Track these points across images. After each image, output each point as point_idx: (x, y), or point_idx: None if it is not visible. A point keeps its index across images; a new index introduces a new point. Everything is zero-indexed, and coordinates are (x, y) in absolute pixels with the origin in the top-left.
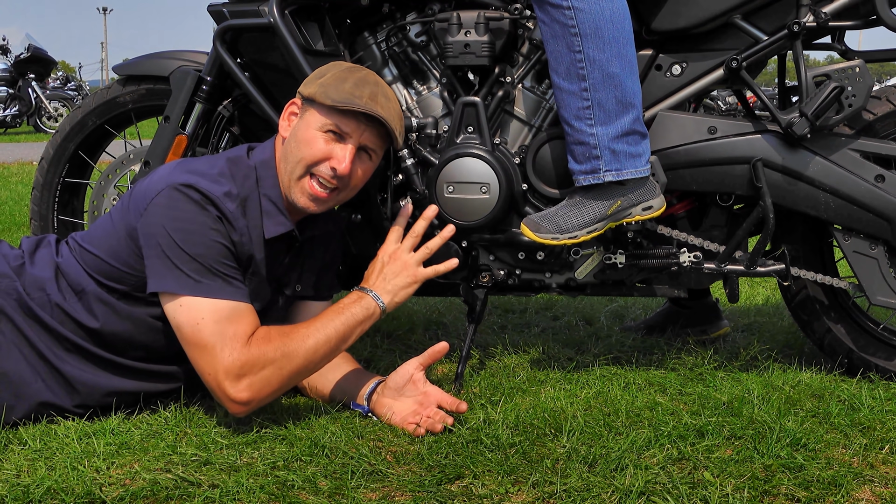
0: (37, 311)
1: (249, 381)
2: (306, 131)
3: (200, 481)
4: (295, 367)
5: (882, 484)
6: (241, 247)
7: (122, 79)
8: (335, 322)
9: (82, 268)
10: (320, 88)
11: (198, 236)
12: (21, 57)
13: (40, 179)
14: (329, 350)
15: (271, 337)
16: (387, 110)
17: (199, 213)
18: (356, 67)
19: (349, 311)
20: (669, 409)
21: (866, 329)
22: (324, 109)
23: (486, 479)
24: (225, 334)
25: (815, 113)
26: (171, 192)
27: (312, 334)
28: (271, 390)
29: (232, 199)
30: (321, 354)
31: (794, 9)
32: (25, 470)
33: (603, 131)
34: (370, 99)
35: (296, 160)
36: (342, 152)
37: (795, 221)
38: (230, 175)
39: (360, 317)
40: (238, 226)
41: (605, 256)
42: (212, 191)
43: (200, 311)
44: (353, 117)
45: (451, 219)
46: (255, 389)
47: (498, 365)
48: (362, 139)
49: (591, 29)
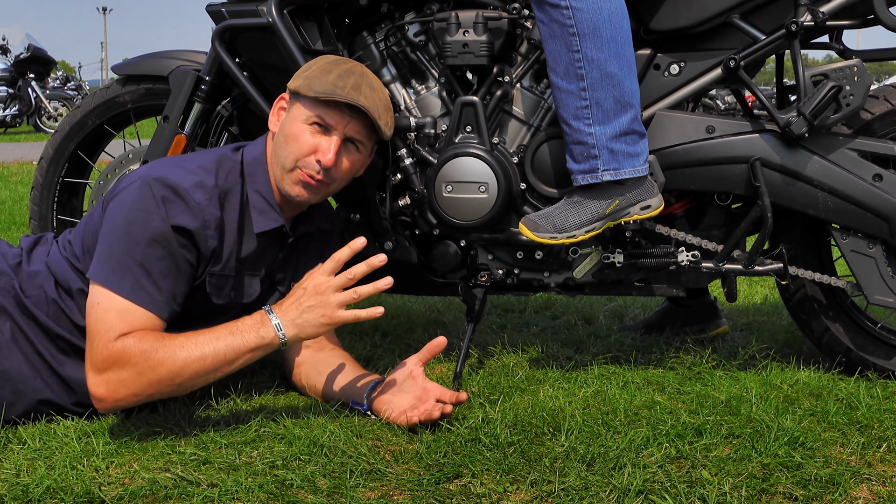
0: (33, 310)
1: (106, 378)
2: (292, 125)
3: (199, 480)
4: (157, 377)
5: (880, 482)
6: (205, 239)
7: (122, 78)
8: (221, 342)
9: (69, 264)
10: (304, 81)
11: (139, 233)
12: (21, 57)
13: (40, 179)
14: (204, 369)
15: (143, 339)
16: (370, 100)
17: (153, 213)
18: (343, 59)
19: (242, 335)
20: (668, 408)
21: (864, 328)
22: (308, 102)
23: (485, 477)
24: (104, 324)
25: (813, 112)
26: (142, 184)
27: (189, 347)
28: (128, 393)
29: (205, 191)
30: (193, 371)
31: (792, 8)
32: (25, 469)
33: (601, 131)
34: (353, 89)
35: (284, 155)
36: (327, 144)
37: (794, 221)
38: (214, 169)
39: (251, 344)
40: (206, 217)
41: (603, 256)
42: (181, 182)
43: (98, 296)
44: (337, 108)
45: (450, 218)
46: (110, 388)
47: (497, 364)
48: (347, 130)
49: (589, 28)
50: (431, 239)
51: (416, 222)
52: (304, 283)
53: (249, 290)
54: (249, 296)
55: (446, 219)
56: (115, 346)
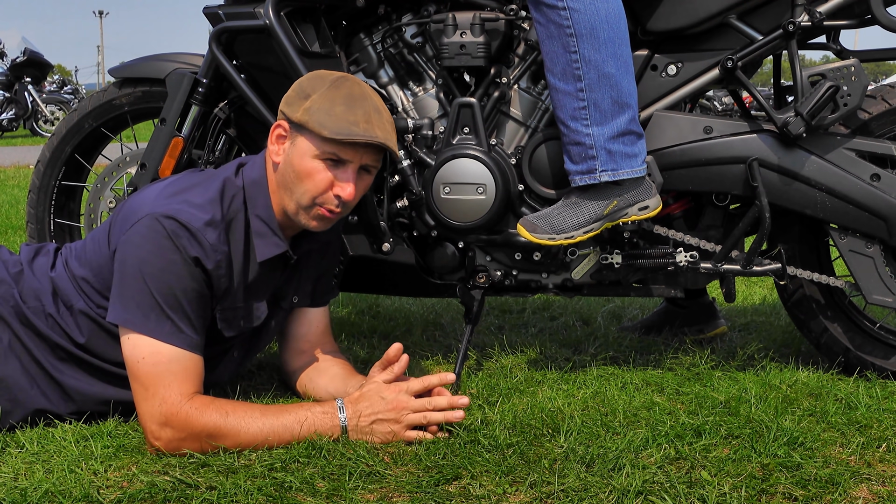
0: (32, 319)
1: (168, 435)
2: (303, 161)
3: (198, 483)
4: (217, 444)
5: (879, 482)
6: (218, 279)
7: (119, 81)
8: (287, 431)
9: (73, 284)
10: (310, 116)
11: (162, 273)
12: (17, 60)
13: (36, 182)
14: (263, 445)
15: (209, 409)
16: (384, 130)
17: (170, 251)
18: (338, 80)
19: (310, 422)
20: (667, 409)
21: (863, 328)
22: (318, 139)
23: (484, 479)
24: (161, 381)
25: (811, 112)
26: (151, 222)
27: (255, 425)
28: (184, 450)
29: (215, 226)
30: (251, 445)
31: (789, 8)
32: (23, 473)
33: (599, 132)
34: (366, 122)
35: (300, 192)
36: (344, 177)
37: (792, 221)
38: (219, 199)
39: (312, 429)
40: (218, 257)
41: (601, 256)
42: (192, 222)
43: (142, 349)
44: (351, 145)
45: (448, 220)
46: (170, 445)
47: (495, 365)
48: (363, 161)
49: (586, 29)
50: (429, 240)
51: (413, 224)
52: (382, 388)
53: (257, 314)
54: (258, 318)
55: (444, 220)
56: (180, 412)
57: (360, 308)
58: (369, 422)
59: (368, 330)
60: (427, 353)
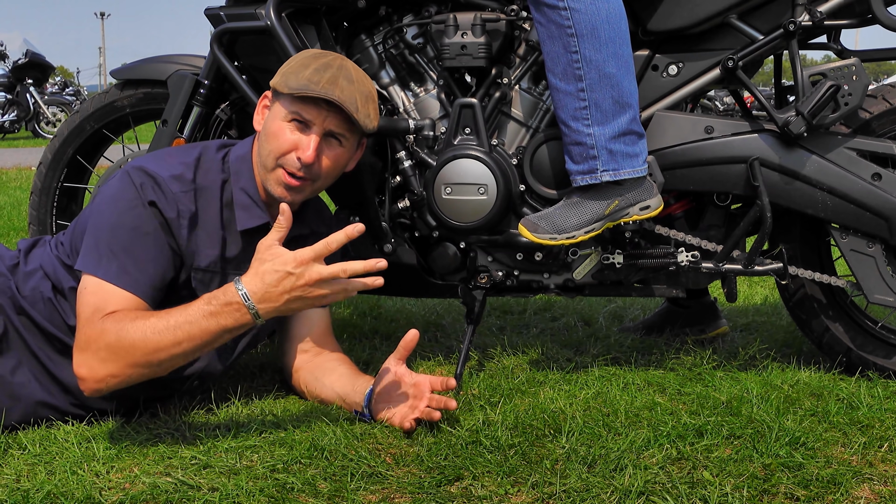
0: (29, 311)
1: (86, 357)
2: (273, 123)
3: (200, 484)
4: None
5: (881, 482)
6: (179, 229)
7: (120, 83)
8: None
9: (60, 263)
10: (282, 77)
11: (118, 217)
12: (19, 62)
13: (38, 184)
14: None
15: (121, 319)
16: (347, 93)
17: (130, 198)
18: (323, 53)
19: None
20: (668, 409)
21: (864, 327)
22: (286, 99)
23: (486, 480)
24: (89, 307)
25: (812, 112)
26: (122, 175)
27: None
28: (106, 373)
29: (182, 183)
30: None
31: (789, 8)
32: (25, 474)
33: (600, 131)
34: (329, 83)
35: (266, 153)
36: (307, 141)
37: (793, 220)
38: (193, 166)
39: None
40: (180, 208)
41: (603, 256)
42: (159, 172)
43: (85, 283)
44: (314, 104)
45: (449, 220)
46: (90, 368)
47: (497, 366)
48: (326, 125)
49: (587, 29)
50: (431, 241)
51: (415, 224)
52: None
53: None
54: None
55: (445, 221)
56: (96, 326)
57: (362, 309)
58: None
59: (370, 331)
60: (429, 354)
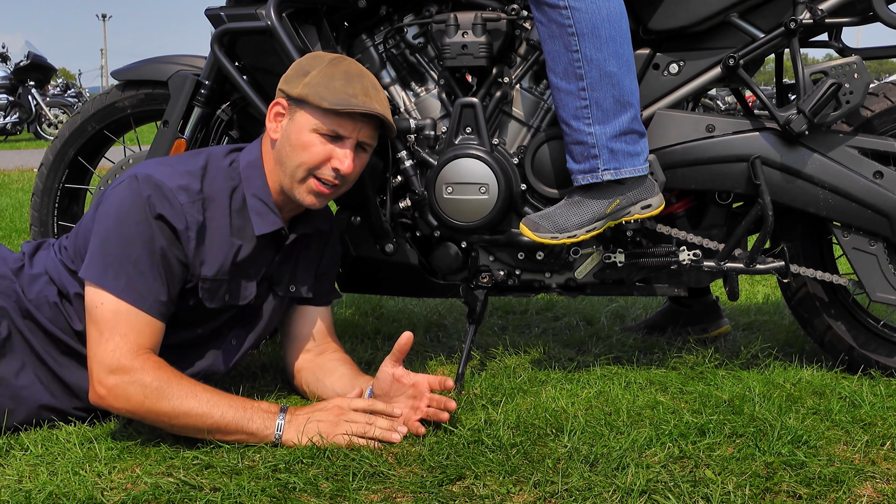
0: (34, 313)
1: (113, 384)
2: (300, 135)
3: (202, 485)
4: (157, 410)
5: (884, 480)
6: (188, 241)
7: (121, 84)
8: (230, 412)
9: (64, 267)
10: (310, 90)
11: (126, 230)
12: (21, 64)
13: (40, 185)
14: (201, 426)
15: (161, 371)
16: (381, 104)
17: (138, 209)
18: (336, 59)
19: (250, 417)
20: (671, 408)
21: (866, 326)
22: (317, 112)
23: (488, 479)
24: (118, 329)
25: (813, 110)
26: (129, 183)
27: (199, 399)
28: (124, 407)
29: (189, 194)
30: (190, 422)
31: (790, 6)
32: (27, 475)
33: (601, 130)
34: (364, 96)
35: (295, 164)
36: (342, 152)
37: (794, 219)
38: (200, 175)
39: (252, 429)
40: (189, 220)
41: (604, 256)
42: (166, 181)
43: (103, 297)
44: (350, 118)
45: (451, 220)
46: (112, 394)
47: (499, 366)
48: (360, 136)
49: (588, 28)
50: (432, 241)
51: (416, 224)
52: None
53: (245, 293)
54: (245, 298)
55: (447, 220)
56: (135, 361)
57: (364, 309)
58: (305, 420)
59: (372, 331)
60: (430, 354)
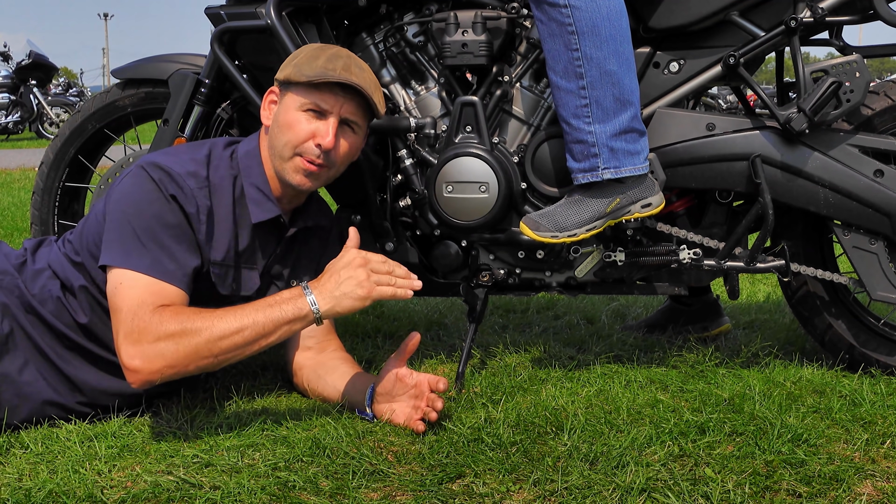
0: (38, 308)
1: (142, 350)
2: (286, 114)
3: (202, 483)
4: (195, 347)
5: (883, 478)
6: (198, 225)
7: (122, 83)
8: (260, 314)
9: (68, 260)
10: (294, 69)
11: (143, 210)
12: (22, 63)
13: (40, 184)
14: (243, 340)
15: (181, 311)
16: (362, 79)
17: (151, 191)
18: (327, 45)
19: (280, 307)
20: (671, 407)
21: (867, 324)
22: (301, 89)
23: (488, 477)
24: (134, 299)
25: (814, 108)
26: (138, 171)
27: (227, 318)
28: (164, 364)
29: (197, 180)
30: (231, 343)
31: (791, 5)
32: (27, 473)
33: (601, 129)
34: (344, 70)
35: (282, 144)
36: (325, 128)
37: (795, 217)
38: (205, 163)
39: (289, 316)
40: (197, 204)
41: (604, 254)
42: (174, 167)
43: (120, 278)
44: (330, 91)
45: (451, 219)
46: (147, 359)
47: (499, 364)
48: (343, 112)
49: (588, 27)
50: (432, 239)
51: (416, 223)
52: (340, 257)
53: (249, 284)
54: (249, 289)
55: (447, 219)
56: (149, 317)
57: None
58: (336, 285)
59: (373, 330)
60: (431, 353)
